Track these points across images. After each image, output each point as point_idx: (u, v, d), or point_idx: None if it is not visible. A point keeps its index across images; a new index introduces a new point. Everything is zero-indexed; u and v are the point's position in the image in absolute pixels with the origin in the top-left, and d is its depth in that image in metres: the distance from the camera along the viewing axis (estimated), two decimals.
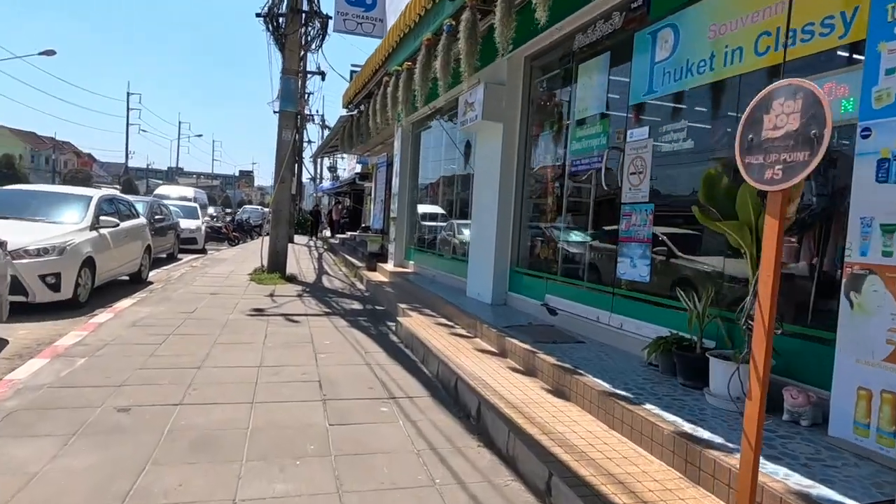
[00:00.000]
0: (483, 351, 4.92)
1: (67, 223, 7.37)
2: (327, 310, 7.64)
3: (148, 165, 72.65)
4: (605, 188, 4.80)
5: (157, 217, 12.62)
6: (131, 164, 57.36)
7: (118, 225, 8.11)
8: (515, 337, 4.74)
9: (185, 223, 16.08)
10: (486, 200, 6.75)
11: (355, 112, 11.08)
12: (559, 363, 3.92)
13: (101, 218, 7.81)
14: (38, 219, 7.35)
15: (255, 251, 11.62)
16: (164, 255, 13.74)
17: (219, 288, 8.94)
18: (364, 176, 26.36)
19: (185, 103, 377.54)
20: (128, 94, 53.49)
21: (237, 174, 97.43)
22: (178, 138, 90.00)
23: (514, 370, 4.32)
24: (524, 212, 6.49)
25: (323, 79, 22.22)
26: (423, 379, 4.54)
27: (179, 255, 14.78)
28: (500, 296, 6.54)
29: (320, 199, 39.59)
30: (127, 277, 9.31)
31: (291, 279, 10.34)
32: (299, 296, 8.70)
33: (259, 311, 7.15)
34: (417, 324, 5.93)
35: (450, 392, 4.14)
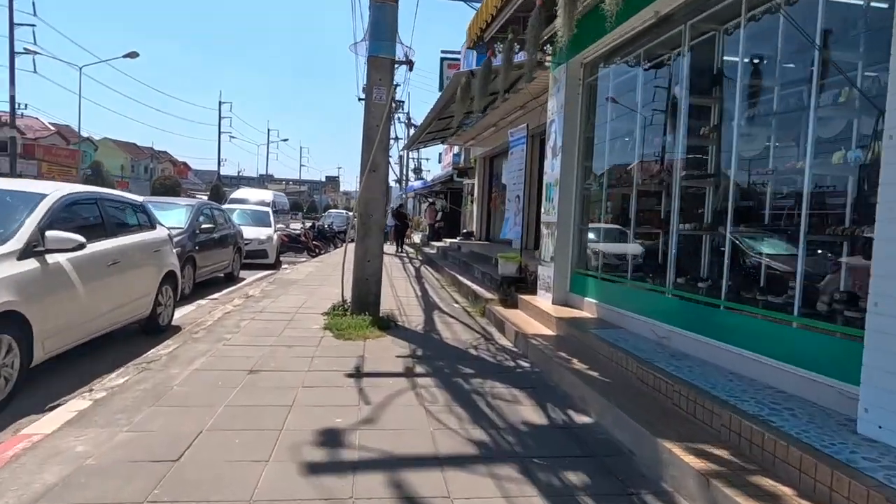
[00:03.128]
0: None
1: None
2: (478, 433, 3.46)
3: (239, 172, 73.31)
4: None
5: (204, 227, 9.13)
6: (223, 171, 57.38)
7: (84, 245, 4.39)
8: None
9: (251, 232, 12.70)
10: None
11: (486, 54, 6.91)
12: None
13: (49, 234, 4.14)
14: None
15: (337, 266, 7.85)
16: (222, 275, 10.37)
17: (269, 351, 5.08)
18: (462, 172, 22.30)
19: (272, 111, 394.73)
20: (219, 103, 53.35)
21: (323, 180, 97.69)
22: (268, 145, 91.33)
23: None
24: None
25: (410, 68, 18.23)
26: None
27: (242, 274, 11.39)
28: None
29: (406, 201, 36.18)
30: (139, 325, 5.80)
31: (388, 325, 6.34)
32: (407, 373, 4.63)
33: (332, 446, 3.11)
34: None
35: None
